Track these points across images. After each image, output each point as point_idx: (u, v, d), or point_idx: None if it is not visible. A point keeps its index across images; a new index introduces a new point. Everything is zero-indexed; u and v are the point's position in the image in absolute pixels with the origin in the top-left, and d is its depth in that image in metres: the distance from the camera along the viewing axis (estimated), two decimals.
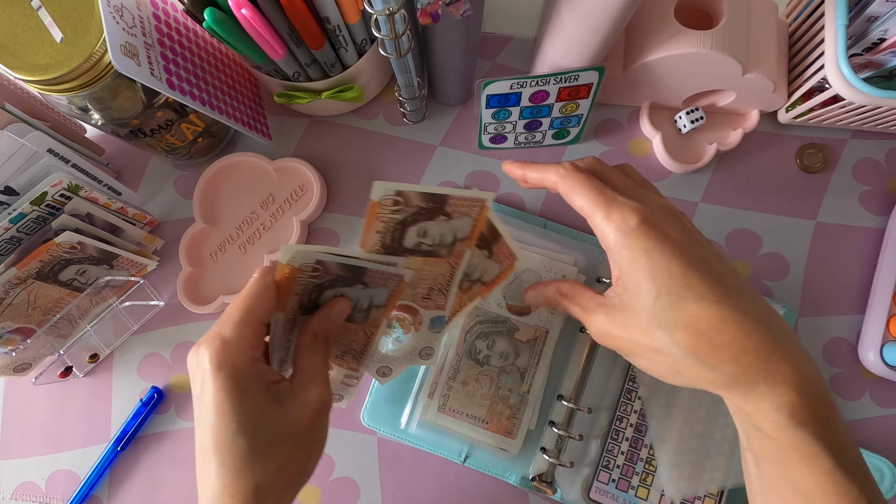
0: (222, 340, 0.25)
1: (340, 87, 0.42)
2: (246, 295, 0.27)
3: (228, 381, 0.25)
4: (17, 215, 0.36)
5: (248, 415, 0.25)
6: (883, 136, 0.45)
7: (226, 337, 0.25)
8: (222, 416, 0.25)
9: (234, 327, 0.26)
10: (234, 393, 0.25)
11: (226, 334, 0.26)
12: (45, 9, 0.33)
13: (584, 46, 0.37)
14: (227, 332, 0.26)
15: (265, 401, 0.26)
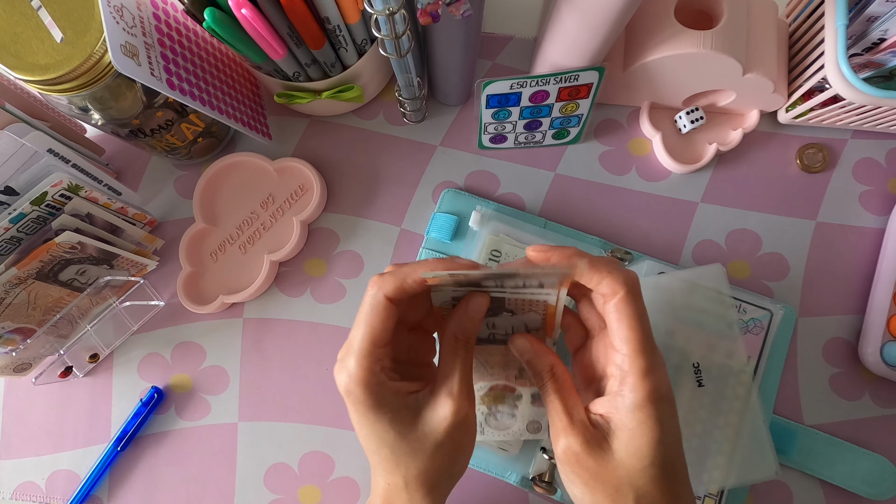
0: (348, 372, 0.27)
1: (340, 87, 0.42)
2: (365, 324, 0.27)
3: (360, 406, 0.27)
4: (18, 215, 0.36)
5: (385, 431, 0.27)
6: (883, 136, 0.45)
7: (351, 370, 0.27)
8: (364, 434, 0.28)
9: (357, 359, 0.27)
10: (367, 415, 0.27)
11: (351, 367, 0.27)
12: (46, 9, 0.33)
13: (584, 46, 0.37)
14: (352, 364, 0.27)
15: (402, 415, 0.27)
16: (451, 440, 0.28)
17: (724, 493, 0.39)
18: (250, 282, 0.44)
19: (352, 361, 0.27)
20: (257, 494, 0.43)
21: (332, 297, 0.45)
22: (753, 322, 0.41)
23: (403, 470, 0.28)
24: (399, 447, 0.27)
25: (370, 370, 0.27)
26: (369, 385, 0.27)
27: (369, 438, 0.28)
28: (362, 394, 0.27)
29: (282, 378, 0.44)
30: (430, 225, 0.45)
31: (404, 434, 0.27)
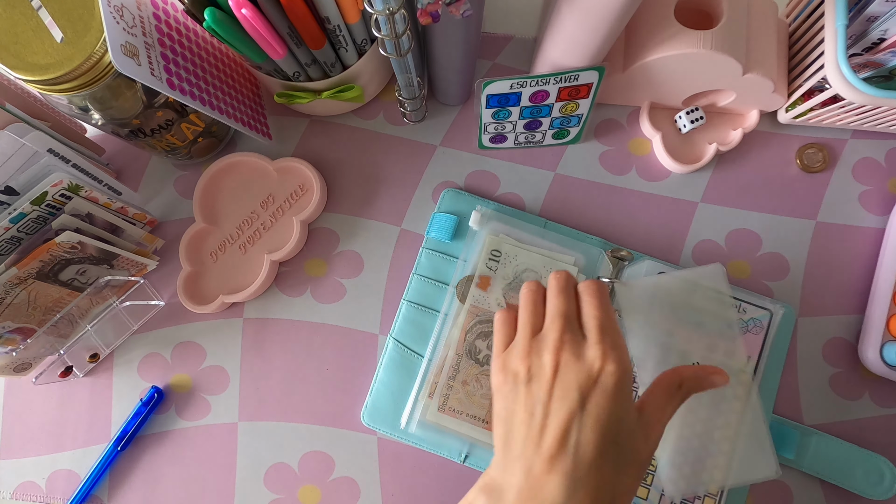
0: (623, 350, 0.28)
1: (340, 86, 0.42)
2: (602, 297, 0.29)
3: (627, 388, 0.27)
4: (18, 215, 0.36)
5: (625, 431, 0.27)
6: (883, 136, 0.45)
7: (623, 347, 0.28)
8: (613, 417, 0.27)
9: (621, 339, 0.28)
10: (627, 396, 0.27)
11: (622, 345, 0.28)
12: (46, 9, 0.33)
13: (583, 46, 0.37)
14: (622, 342, 0.28)
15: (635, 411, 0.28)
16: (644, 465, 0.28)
17: (723, 492, 0.39)
18: (250, 282, 0.44)
19: (622, 341, 0.28)
20: (257, 494, 0.43)
21: (332, 297, 0.45)
22: (753, 322, 0.41)
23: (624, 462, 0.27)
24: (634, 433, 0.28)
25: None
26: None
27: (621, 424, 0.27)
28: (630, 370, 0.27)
29: (282, 378, 0.44)
30: (430, 225, 0.45)
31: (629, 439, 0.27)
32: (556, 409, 0.26)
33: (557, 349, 0.28)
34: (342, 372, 0.44)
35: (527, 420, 0.27)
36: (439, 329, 0.42)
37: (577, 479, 0.25)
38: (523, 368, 0.28)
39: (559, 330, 0.28)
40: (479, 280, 0.42)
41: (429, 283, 0.43)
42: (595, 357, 0.27)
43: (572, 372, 0.27)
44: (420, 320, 0.43)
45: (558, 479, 0.25)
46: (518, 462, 0.27)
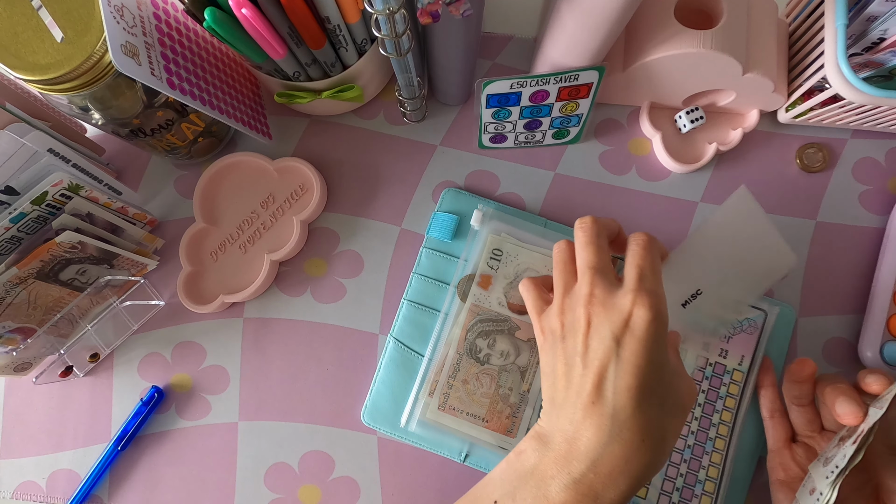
0: (659, 295, 0.27)
1: (341, 86, 0.42)
2: (648, 247, 0.29)
3: (662, 336, 0.27)
4: (18, 215, 0.36)
5: (665, 371, 0.27)
6: (883, 135, 0.45)
7: (659, 293, 0.28)
8: (650, 366, 0.26)
9: (657, 283, 0.28)
10: (661, 349, 0.27)
11: (659, 290, 0.28)
12: (46, 8, 0.33)
13: (583, 46, 0.37)
14: (658, 288, 0.28)
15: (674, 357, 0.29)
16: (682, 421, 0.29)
17: (719, 491, 0.39)
18: (250, 281, 0.44)
19: (662, 290, 0.28)
20: (257, 494, 0.43)
21: (333, 297, 0.45)
22: (748, 322, 0.41)
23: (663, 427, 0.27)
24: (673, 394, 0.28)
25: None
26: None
27: (657, 380, 0.27)
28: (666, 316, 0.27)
29: (282, 378, 0.44)
30: (430, 224, 0.45)
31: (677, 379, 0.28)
32: (591, 359, 0.27)
33: (588, 302, 0.28)
34: (342, 371, 0.44)
35: (566, 372, 0.28)
36: (440, 328, 0.42)
37: (618, 422, 0.26)
38: (558, 325, 0.29)
39: (589, 283, 0.28)
40: (481, 279, 0.42)
41: (429, 282, 0.43)
42: (626, 303, 0.27)
43: (606, 321, 0.27)
44: (420, 320, 0.43)
45: (598, 422, 0.26)
46: (562, 410, 0.27)
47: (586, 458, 0.26)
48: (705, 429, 0.40)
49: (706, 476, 0.39)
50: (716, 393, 0.40)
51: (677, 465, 0.39)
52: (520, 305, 0.42)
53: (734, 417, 0.40)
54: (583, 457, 0.26)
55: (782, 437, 0.37)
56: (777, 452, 0.37)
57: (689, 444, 0.39)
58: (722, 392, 0.40)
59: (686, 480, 0.39)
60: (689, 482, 0.39)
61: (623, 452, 0.25)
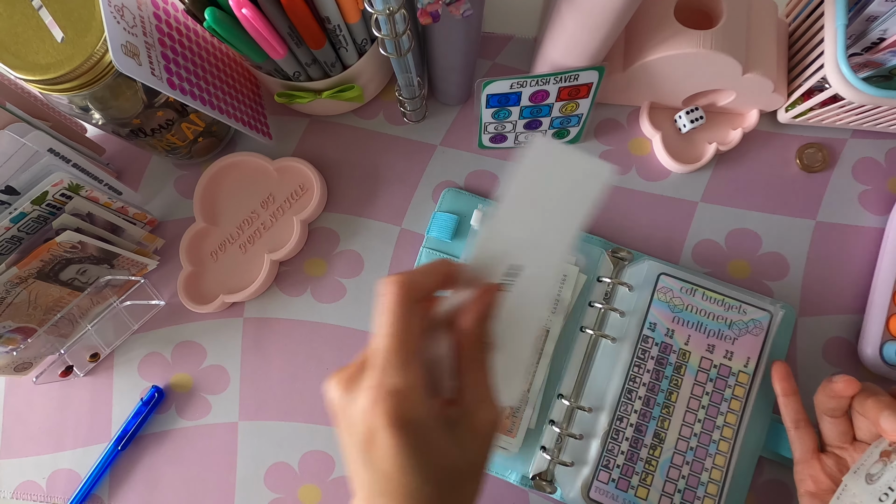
0: (396, 393, 0.22)
1: (341, 86, 0.42)
2: (401, 330, 0.23)
3: (411, 436, 0.22)
4: (18, 215, 0.36)
5: (431, 463, 0.22)
6: (883, 135, 0.45)
7: (399, 388, 0.22)
8: (406, 471, 0.22)
9: (401, 372, 0.22)
10: (417, 447, 0.22)
11: (398, 384, 0.22)
12: (46, 8, 0.34)
13: (583, 46, 0.37)
14: (398, 380, 0.22)
15: (443, 441, 0.23)
16: (486, 461, 0.24)
17: (723, 493, 0.39)
18: (250, 281, 0.44)
19: (397, 377, 0.22)
20: (257, 494, 0.43)
21: (332, 297, 0.45)
22: (753, 323, 0.41)
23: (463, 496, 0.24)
24: (444, 481, 0.23)
25: (421, 384, 0.22)
26: (423, 409, 0.22)
27: (413, 477, 0.22)
28: (414, 424, 0.22)
29: (282, 378, 0.44)
30: (430, 224, 0.45)
31: (448, 463, 0.23)
32: (353, 473, 0.24)
33: (332, 399, 0.24)
34: None
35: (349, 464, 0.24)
36: None
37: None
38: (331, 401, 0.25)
39: (349, 367, 0.24)
40: None
41: None
42: (360, 415, 0.22)
43: (348, 431, 0.23)
44: None
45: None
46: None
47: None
48: (709, 431, 0.39)
49: (709, 478, 0.39)
50: (720, 395, 0.40)
51: (679, 466, 0.39)
52: None
53: (739, 419, 0.40)
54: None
55: (810, 448, 0.35)
56: (806, 464, 0.35)
57: (692, 445, 0.39)
58: (727, 394, 0.40)
59: (688, 482, 0.39)
60: (691, 484, 0.39)
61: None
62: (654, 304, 0.41)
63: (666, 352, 0.41)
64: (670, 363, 0.40)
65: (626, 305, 0.42)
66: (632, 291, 0.42)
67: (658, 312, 0.41)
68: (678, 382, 0.40)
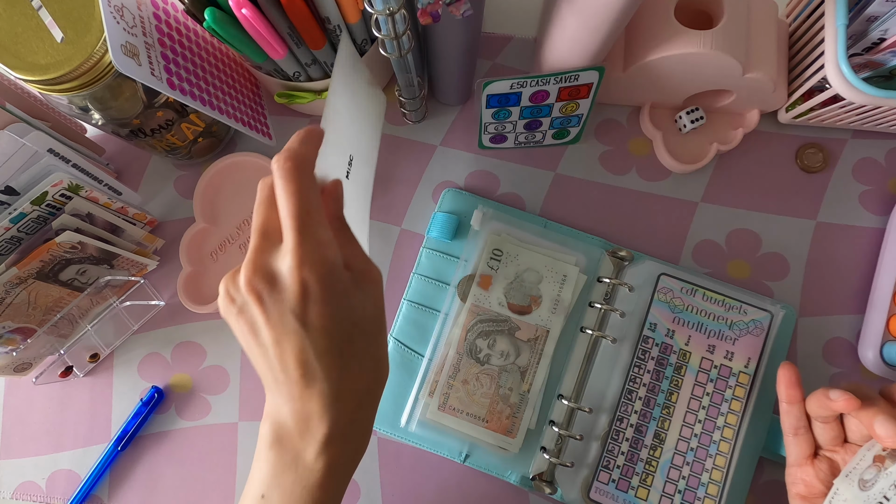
0: (321, 246, 0.25)
1: None
2: (308, 195, 0.25)
3: (339, 286, 0.25)
4: (18, 215, 0.36)
5: (356, 312, 0.26)
6: (883, 136, 0.45)
7: (322, 241, 0.25)
8: (339, 319, 0.25)
9: (319, 230, 0.25)
10: (345, 296, 0.25)
11: (321, 239, 0.25)
12: (46, 9, 0.33)
13: (584, 46, 0.37)
14: (320, 236, 0.25)
15: (357, 292, 0.26)
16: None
17: (723, 493, 0.39)
18: None
19: (320, 234, 0.24)
20: None
21: None
22: (754, 324, 0.41)
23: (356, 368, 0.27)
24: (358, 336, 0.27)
25: (332, 236, 0.26)
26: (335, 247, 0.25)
27: (350, 318, 0.26)
28: (342, 270, 0.25)
29: None
30: (430, 224, 0.45)
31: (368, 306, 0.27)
32: (284, 345, 0.25)
33: (249, 280, 0.25)
34: None
35: (263, 356, 0.26)
36: (440, 328, 0.42)
37: (333, 381, 0.25)
38: (230, 303, 0.26)
39: (250, 251, 0.26)
40: (481, 279, 0.42)
41: (429, 282, 0.43)
42: (290, 274, 0.24)
43: (277, 302, 0.24)
44: (420, 320, 0.43)
45: (319, 399, 0.25)
46: (279, 395, 0.26)
47: (324, 420, 0.26)
48: (709, 431, 0.39)
49: (709, 479, 0.39)
50: (720, 396, 0.40)
51: (679, 467, 0.39)
52: (520, 306, 0.42)
53: (739, 420, 0.40)
54: (321, 421, 0.26)
55: (805, 453, 0.35)
56: (799, 468, 0.35)
57: (693, 446, 0.39)
58: (727, 395, 0.40)
59: (688, 483, 0.39)
60: (691, 484, 0.39)
61: (354, 398, 0.27)
62: (655, 305, 0.41)
63: (666, 352, 0.41)
64: (671, 364, 0.40)
65: (627, 306, 0.42)
66: (632, 292, 0.42)
67: (658, 313, 0.41)
68: (678, 383, 0.40)
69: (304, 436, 0.26)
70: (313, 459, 0.26)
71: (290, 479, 0.26)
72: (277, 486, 0.27)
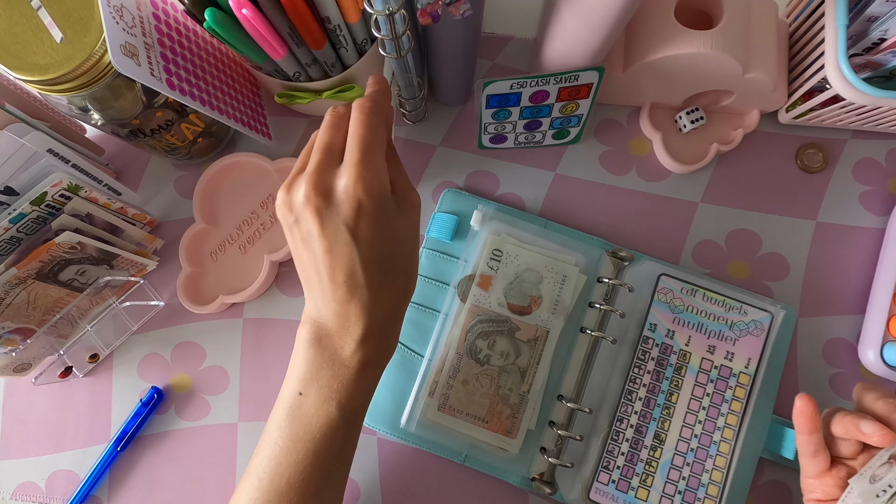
0: (376, 170, 0.27)
1: (341, 86, 0.42)
2: (374, 130, 0.28)
3: (388, 207, 0.28)
4: (17, 215, 0.36)
5: (399, 230, 0.29)
6: (883, 136, 0.45)
7: (377, 167, 0.28)
8: (385, 236, 0.28)
9: (377, 158, 0.28)
10: (391, 216, 0.28)
11: (376, 165, 0.28)
12: (45, 9, 0.33)
13: (584, 46, 0.37)
14: (376, 162, 0.28)
15: (399, 215, 0.29)
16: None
17: (723, 494, 0.39)
18: (250, 282, 0.44)
19: (376, 161, 0.28)
20: None
21: None
22: (754, 324, 0.41)
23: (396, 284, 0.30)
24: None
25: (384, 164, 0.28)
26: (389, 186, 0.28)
27: (394, 236, 0.29)
28: (389, 193, 0.28)
29: (281, 378, 0.44)
30: (430, 225, 0.45)
31: (406, 228, 0.30)
32: (335, 253, 0.28)
33: (308, 194, 0.27)
34: None
35: (312, 262, 0.29)
36: (440, 329, 0.42)
37: (374, 295, 0.29)
38: (288, 212, 0.29)
39: (313, 166, 0.28)
40: (481, 279, 0.42)
41: (429, 282, 0.43)
42: (347, 192, 0.27)
43: (332, 215, 0.27)
44: (420, 320, 0.43)
45: (359, 303, 0.28)
46: (322, 299, 0.29)
47: (361, 321, 0.29)
48: (709, 432, 0.39)
49: (709, 479, 0.39)
50: (721, 396, 0.40)
51: (680, 467, 0.39)
52: (520, 306, 0.41)
53: (739, 420, 0.40)
54: (359, 321, 0.29)
55: (824, 468, 0.34)
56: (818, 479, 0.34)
57: (693, 446, 0.39)
58: (727, 395, 0.40)
59: (689, 483, 0.39)
60: (691, 485, 0.39)
61: (388, 305, 0.30)
62: (655, 305, 0.41)
63: (666, 353, 0.41)
64: (671, 364, 0.40)
65: (627, 306, 0.42)
66: (632, 292, 0.42)
67: (658, 313, 0.41)
68: (679, 383, 0.40)
69: (342, 334, 0.29)
70: (350, 355, 0.29)
71: (328, 374, 0.29)
72: (315, 382, 0.29)
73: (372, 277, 0.28)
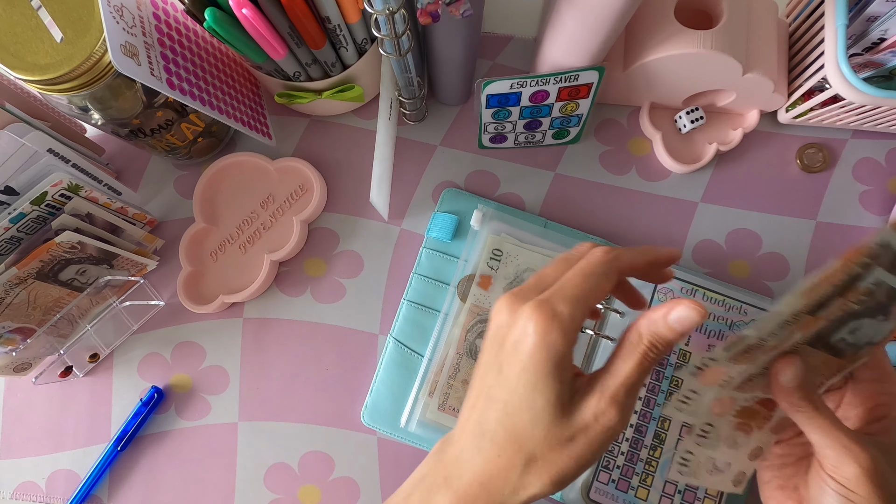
0: (559, 315, 0.23)
1: (341, 86, 0.42)
2: (591, 274, 0.25)
3: (546, 362, 0.23)
4: (18, 215, 0.36)
5: (546, 402, 0.24)
6: (883, 136, 0.45)
7: (565, 314, 0.24)
8: (522, 394, 0.24)
9: (571, 307, 0.24)
10: (547, 375, 0.23)
11: (563, 313, 0.24)
12: (45, 8, 0.33)
13: (584, 46, 0.37)
14: (565, 310, 0.24)
15: (564, 393, 0.24)
16: (590, 444, 0.24)
17: (723, 494, 0.39)
18: (250, 282, 0.44)
19: (565, 307, 0.23)
20: (257, 494, 0.43)
21: (332, 297, 0.45)
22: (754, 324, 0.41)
23: (529, 450, 0.24)
24: (551, 436, 0.24)
25: (578, 326, 0.24)
26: (569, 341, 0.23)
27: (524, 400, 0.24)
28: (560, 346, 0.23)
29: (282, 378, 0.44)
30: (430, 224, 0.45)
31: (557, 413, 0.24)
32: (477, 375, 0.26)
33: (500, 308, 0.25)
34: (342, 372, 0.44)
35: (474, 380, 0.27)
36: (440, 328, 0.42)
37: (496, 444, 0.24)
38: (494, 325, 0.26)
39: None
40: (481, 279, 0.42)
41: (429, 282, 0.43)
42: (523, 316, 0.24)
43: (503, 332, 0.25)
44: (420, 320, 0.43)
45: (475, 442, 0.25)
46: (461, 420, 0.27)
47: (467, 472, 0.25)
48: None
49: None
50: None
51: None
52: None
53: None
54: (464, 472, 0.25)
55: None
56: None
57: None
58: None
59: None
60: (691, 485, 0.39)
61: (503, 471, 0.24)
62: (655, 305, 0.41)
63: None
64: (670, 364, 0.40)
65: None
66: None
67: None
68: (678, 383, 0.40)
69: (444, 475, 0.26)
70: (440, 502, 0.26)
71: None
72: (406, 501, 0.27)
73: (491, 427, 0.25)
